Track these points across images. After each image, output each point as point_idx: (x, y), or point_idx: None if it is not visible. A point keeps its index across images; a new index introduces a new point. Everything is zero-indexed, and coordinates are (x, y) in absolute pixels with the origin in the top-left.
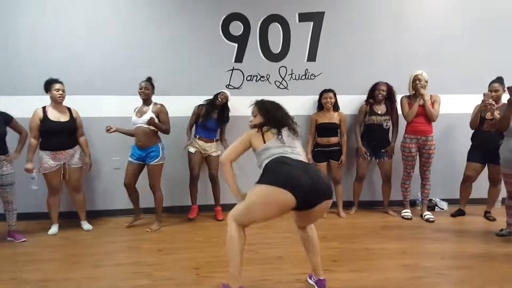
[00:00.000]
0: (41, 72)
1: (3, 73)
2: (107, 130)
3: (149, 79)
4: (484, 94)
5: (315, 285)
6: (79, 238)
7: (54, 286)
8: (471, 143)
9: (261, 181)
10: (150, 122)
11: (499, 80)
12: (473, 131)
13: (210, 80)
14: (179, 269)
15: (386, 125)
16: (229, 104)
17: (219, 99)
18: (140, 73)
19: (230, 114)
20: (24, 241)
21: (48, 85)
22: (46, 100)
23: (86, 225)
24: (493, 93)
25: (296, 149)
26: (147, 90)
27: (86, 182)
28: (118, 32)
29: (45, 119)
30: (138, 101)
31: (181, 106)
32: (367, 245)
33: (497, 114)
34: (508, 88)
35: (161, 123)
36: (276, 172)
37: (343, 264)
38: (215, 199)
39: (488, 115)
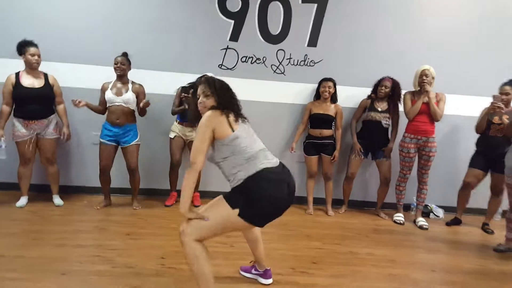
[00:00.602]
0: (18, 33)
1: None
2: (75, 104)
3: (124, 54)
4: (493, 96)
5: (260, 277)
6: (47, 213)
7: (3, 263)
8: (475, 148)
9: (239, 206)
10: (146, 105)
11: (511, 83)
12: (478, 135)
13: (202, 58)
14: (143, 256)
15: (385, 124)
16: None
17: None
18: (126, 45)
19: None
20: None
21: (22, 48)
22: (20, 64)
23: (57, 200)
24: (504, 96)
25: (255, 136)
26: (123, 66)
27: (62, 155)
28: (106, 1)
29: (17, 85)
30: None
31: (167, 83)
32: (353, 249)
33: (505, 118)
34: None
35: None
36: (260, 210)
37: (323, 267)
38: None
39: (496, 119)
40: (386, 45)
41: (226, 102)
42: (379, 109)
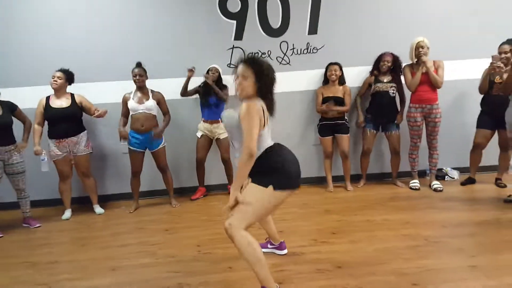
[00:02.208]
0: (43, 65)
1: (9, 65)
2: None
3: (139, 64)
4: (492, 57)
5: (276, 249)
6: (90, 221)
7: (59, 267)
8: (480, 109)
9: (270, 182)
10: (159, 135)
11: (509, 42)
12: (482, 96)
13: (211, 60)
14: (181, 247)
15: (393, 93)
16: (229, 81)
17: (213, 76)
18: (138, 56)
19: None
20: (38, 226)
21: None
22: (47, 90)
23: (98, 209)
24: (503, 55)
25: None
26: (141, 77)
27: (96, 168)
28: (115, 16)
29: (47, 106)
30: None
31: (180, 88)
32: (370, 217)
33: (506, 76)
34: None
35: (163, 111)
36: (286, 174)
37: (342, 236)
38: (229, 179)
39: (498, 79)
40: (386, 22)
41: (263, 92)
42: (385, 80)
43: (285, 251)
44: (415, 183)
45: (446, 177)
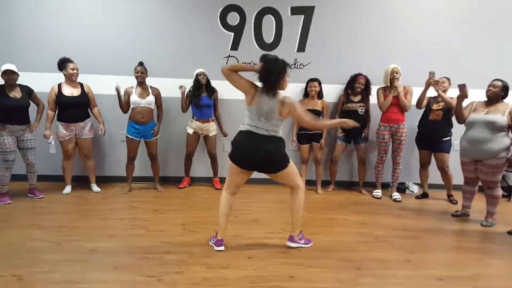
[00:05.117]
0: (56, 53)
1: (26, 52)
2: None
3: (141, 64)
4: (429, 73)
5: (287, 240)
6: (89, 197)
7: (66, 231)
8: (417, 130)
9: (229, 154)
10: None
11: (447, 78)
12: (420, 120)
13: (208, 65)
14: (169, 224)
15: (361, 111)
16: (220, 84)
17: (202, 79)
18: (142, 56)
19: (227, 97)
20: (42, 197)
21: (63, 64)
22: (60, 76)
23: (95, 188)
24: (443, 79)
25: (266, 125)
26: (143, 74)
27: (96, 151)
28: (124, 21)
29: (59, 94)
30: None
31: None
32: (331, 216)
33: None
34: (458, 85)
35: (157, 105)
36: (233, 150)
37: (305, 228)
38: (214, 172)
39: (435, 106)
40: (362, 47)
41: (262, 78)
42: (355, 100)
43: (288, 242)
44: (377, 192)
45: (407, 190)
